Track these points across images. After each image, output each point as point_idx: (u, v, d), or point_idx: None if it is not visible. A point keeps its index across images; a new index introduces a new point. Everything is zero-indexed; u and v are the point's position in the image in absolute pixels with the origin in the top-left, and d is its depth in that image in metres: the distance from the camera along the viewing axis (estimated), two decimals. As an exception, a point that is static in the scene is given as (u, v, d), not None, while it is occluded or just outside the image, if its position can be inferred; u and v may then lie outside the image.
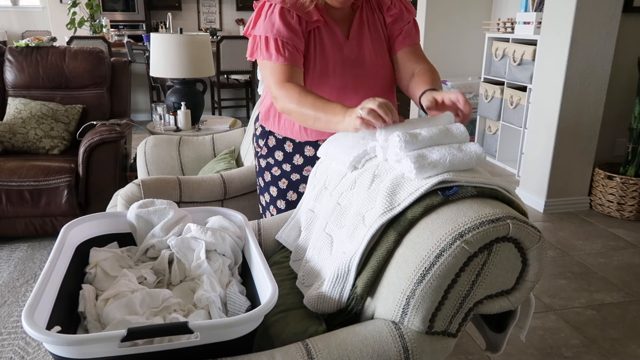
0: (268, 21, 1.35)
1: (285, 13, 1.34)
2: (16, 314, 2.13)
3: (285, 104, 1.32)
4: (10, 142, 2.90)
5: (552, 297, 2.35)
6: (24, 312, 0.86)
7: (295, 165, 1.54)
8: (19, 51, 3.10)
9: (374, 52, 1.45)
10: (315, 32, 1.40)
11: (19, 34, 7.94)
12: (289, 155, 1.54)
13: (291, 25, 1.34)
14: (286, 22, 1.34)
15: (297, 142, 1.51)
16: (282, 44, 1.33)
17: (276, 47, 1.33)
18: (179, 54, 3.08)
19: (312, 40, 1.40)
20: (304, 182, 1.53)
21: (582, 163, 3.35)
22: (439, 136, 1.11)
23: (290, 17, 1.35)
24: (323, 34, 1.40)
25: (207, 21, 8.46)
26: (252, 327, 0.94)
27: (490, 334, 1.12)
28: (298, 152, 1.52)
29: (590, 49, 3.13)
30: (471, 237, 0.90)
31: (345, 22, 1.44)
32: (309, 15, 1.36)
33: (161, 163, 2.50)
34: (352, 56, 1.42)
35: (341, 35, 1.42)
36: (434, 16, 4.87)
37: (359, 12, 1.45)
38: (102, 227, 1.27)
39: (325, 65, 1.41)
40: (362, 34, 1.44)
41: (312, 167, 1.51)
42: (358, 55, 1.43)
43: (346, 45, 1.43)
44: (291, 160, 1.53)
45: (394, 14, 1.46)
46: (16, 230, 2.71)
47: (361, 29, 1.44)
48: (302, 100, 1.27)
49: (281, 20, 1.34)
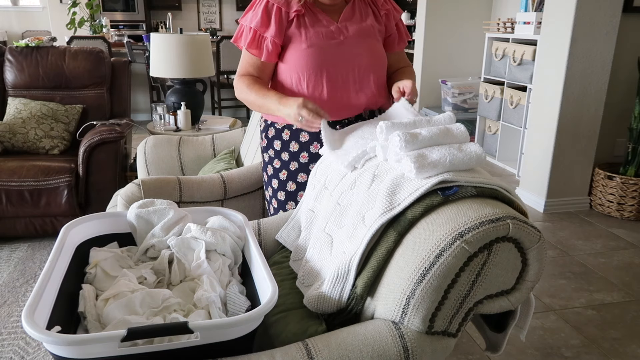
0: (253, 13, 1.50)
1: (269, 7, 1.48)
2: (16, 314, 2.13)
3: (238, 93, 1.56)
4: (10, 142, 2.90)
5: (552, 297, 2.35)
6: (24, 312, 0.86)
7: (292, 153, 1.58)
8: (19, 51, 3.10)
9: (360, 33, 1.53)
10: (300, 19, 1.50)
11: (19, 34, 7.94)
12: (286, 143, 1.59)
13: (270, 19, 1.48)
14: (267, 15, 1.48)
15: (294, 129, 1.57)
16: (259, 36, 1.49)
17: (252, 38, 1.50)
18: (179, 54, 3.08)
19: (298, 25, 1.50)
20: (302, 171, 1.57)
21: (582, 163, 3.35)
22: (439, 136, 1.11)
23: (271, 10, 1.48)
24: (307, 21, 1.50)
25: (207, 21, 8.46)
26: (252, 327, 0.94)
27: (490, 334, 1.13)
28: (294, 139, 1.57)
29: (590, 49, 3.13)
30: (471, 237, 0.90)
31: (336, 12, 1.54)
32: (287, 6, 1.48)
33: (161, 163, 2.50)
34: (338, 36, 1.51)
35: (329, 20, 1.51)
36: (434, 16, 4.87)
37: (351, 3, 1.55)
38: (102, 227, 1.27)
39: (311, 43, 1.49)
40: (352, 19, 1.54)
41: (307, 153, 1.56)
42: (346, 36, 1.51)
43: (333, 27, 1.51)
44: (288, 148, 1.58)
45: (387, 9, 1.60)
46: (16, 230, 2.71)
47: (351, 15, 1.54)
48: (249, 91, 1.51)
49: (263, 13, 1.47)
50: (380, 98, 1.59)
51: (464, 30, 4.95)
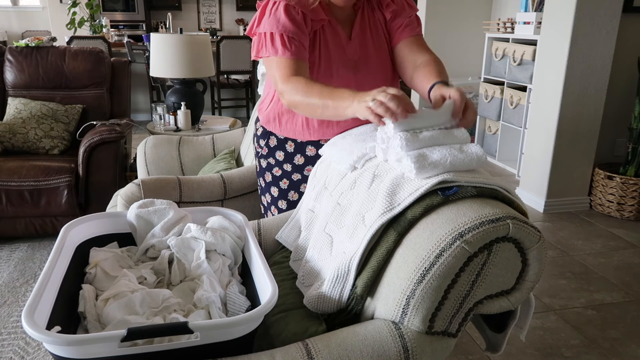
0: (273, 17, 1.34)
1: (290, 9, 1.34)
2: (16, 314, 2.13)
3: (291, 96, 1.29)
4: (10, 142, 2.90)
5: (552, 297, 2.34)
6: (24, 312, 0.86)
7: (296, 165, 1.53)
8: (19, 51, 3.10)
9: (376, 52, 1.45)
10: (320, 32, 1.40)
11: (19, 34, 7.94)
12: (289, 155, 1.53)
13: (296, 21, 1.34)
14: (291, 18, 1.33)
15: (299, 142, 1.51)
16: (288, 39, 1.32)
17: (282, 42, 1.32)
18: (179, 54, 3.08)
19: (317, 41, 1.40)
20: (305, 182, 1.53)
21: (582, 163, 3.35)
22: (440, 136, 1.11)
23: (295, 13, 1.34)
24: (327, 34, 1.40)
25: (207, 21, 8.46)
26: (252, 327, 0.94)
27: (490, 334, 1.12)
28: (299, 152, 1.52)
29: (590, 49, 3.13)
30: (471, 237, 0.90)
31: (347, 23, 1.44)
32: (314, 13, 1.36)
33: (161, 163, 2.50)
34: (354, 57, 1.43)
35: (344, 36, 1.42)
36: (434, 16, 4.87)
37: (360, 13, 1.45)
38: (102, 227, 1.27)
39: (329, 67, 1.41)
40: (364, 35, 1.44)
41: (313, 166, 1.50)
42: (360, 56, 1.43)
43: (349, 47, 1.43)
44: (292, 160, 1.53)
45: (393, 10, 1.46)
46: (16, 230, 2.71)
47: (363, 30, 1.45)
48: (308, 91, 1.25)
49: (286, 16, 1.33)
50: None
51: (464, 30, 4.95)
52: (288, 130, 1.51)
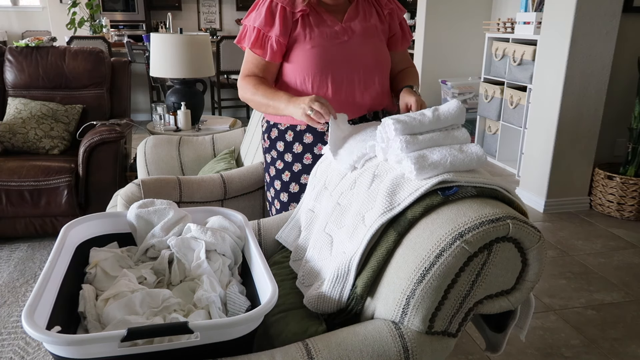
0: (256, 12, 1.50)
1: (273, 6, 1.47)
2: (16, 314, 2.13)
3: (243, 93, 1.54)
4: (10, 142, 2.90)
5: (552, 297, 2.35)
6: (24, 312, 0.86)
7: (295, 154, 1.57)
8: (19, 51, 3.10)
9: (364, 33, 1.53)
10: (305, 19, 1.50)
11: (19, 34, 7.94)
12: (289, 145, 1.58)
13: (274, 18, 1.47)
14: (271, 15, 1.47)
15: (298, 130, 1.56)
16: (263, 36, 1.48)
17: (256, 38, 1.49)
18: (179, 54, 3.08)
19: (303, 25, 1.50)
20: (306, 172, 1.56)
21: (582, 163, 3.35)
22: (440, 137, 1.11)
23: (275, 9, 1.47)
24: (312, 21, 1.50)
25: (207, 21, 8.46)
26: (252, 327, 0.94)
27: (490, 334, 1.13)
28: (298, 140, 1.57)
29: (590, 49, 3.13)
30: (471, 237, 0.90)
31: (340, 12, 1.54)
32: (292, 5, 1.48)
33: (161, 163, 2.50)
34: (343, 36, 1.51)
35: (333, 20, 1.51)
36: (434, 16, 4.87)
37: (355, 3, 1.55)
38: (102, 227, 1.27)
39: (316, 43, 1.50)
40: (356, 19, 1.54)
41: (311, 154, 1.55)
42: (350, 36, 1.51)
43: (338, 27, 1.51)
44: (291, 149, 1.58)
45: (391, 8, 1.60)
46: (16, 230, 2.71)
47: (355, 15, 1.54)
48: (255, 91, 1.50)
49: (267, 13, 1.47)
50: (385, 98, 1.59)
51: (463, 30, 4.95)
52: (287, 117, 1.56)
